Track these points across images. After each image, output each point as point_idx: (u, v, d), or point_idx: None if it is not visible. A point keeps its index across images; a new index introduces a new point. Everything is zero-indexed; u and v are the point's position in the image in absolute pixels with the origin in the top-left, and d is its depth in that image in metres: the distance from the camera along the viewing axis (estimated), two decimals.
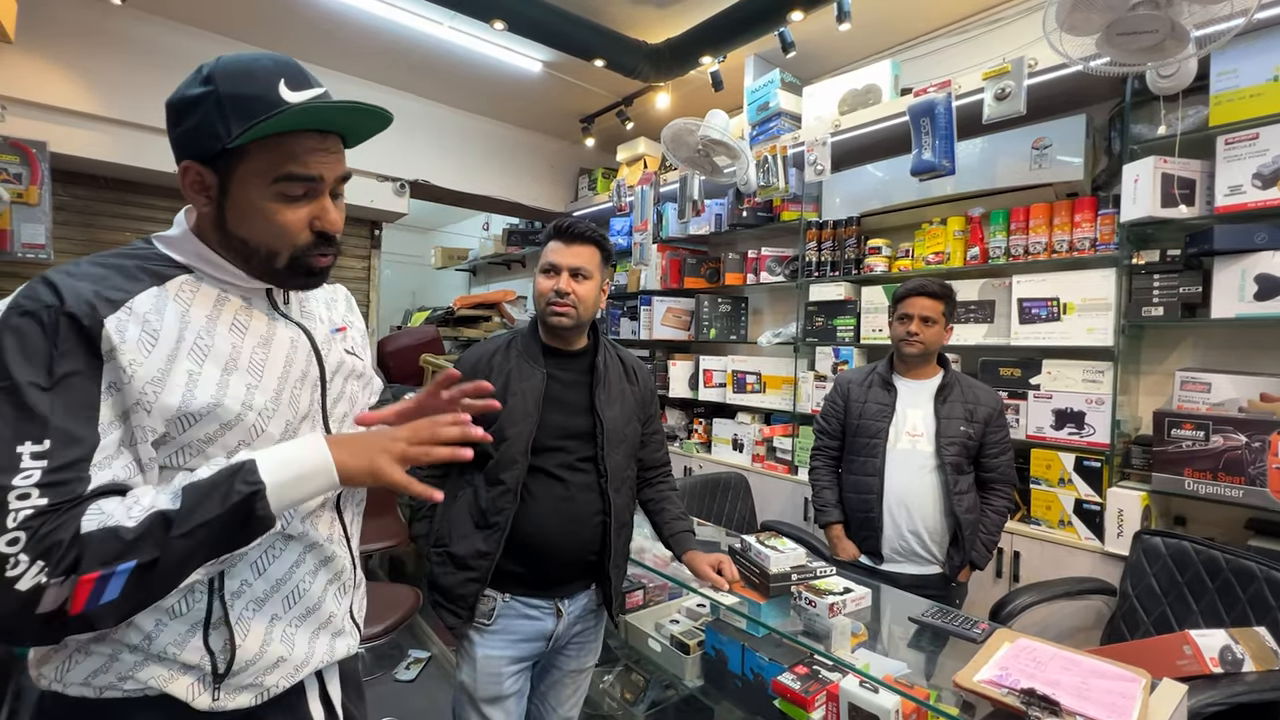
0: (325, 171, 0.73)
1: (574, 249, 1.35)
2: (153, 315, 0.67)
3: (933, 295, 1.84)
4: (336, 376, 0.85)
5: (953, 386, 1.87)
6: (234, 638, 0.71)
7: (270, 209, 0.71)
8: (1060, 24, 1.57)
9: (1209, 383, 1.87)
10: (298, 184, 0.72)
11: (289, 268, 0.75)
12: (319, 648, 0.80)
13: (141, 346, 0.65)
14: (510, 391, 1.32)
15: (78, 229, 3.05)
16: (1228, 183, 1.79)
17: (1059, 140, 2.22)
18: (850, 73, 2.72)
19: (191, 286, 0.72)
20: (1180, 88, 1.82)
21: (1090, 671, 1.06)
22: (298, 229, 0.73)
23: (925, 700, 1.10)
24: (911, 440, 1.87)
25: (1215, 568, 1.65)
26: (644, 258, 3.61)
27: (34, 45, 2.61)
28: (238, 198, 0.71)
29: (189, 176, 0.73)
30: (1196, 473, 1.78)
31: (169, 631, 0.69)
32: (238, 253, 0.74)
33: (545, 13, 2.65)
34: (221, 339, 0.71)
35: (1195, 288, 1.88)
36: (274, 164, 0.70)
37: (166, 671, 0.69)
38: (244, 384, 0.71)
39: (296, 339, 0.80)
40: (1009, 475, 1.89)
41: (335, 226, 0.76)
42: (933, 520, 1.83)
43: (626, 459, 1.43)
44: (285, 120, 0.69)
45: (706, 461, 3.27)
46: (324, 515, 0.81)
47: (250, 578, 0.73)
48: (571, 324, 1.34)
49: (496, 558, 1.28)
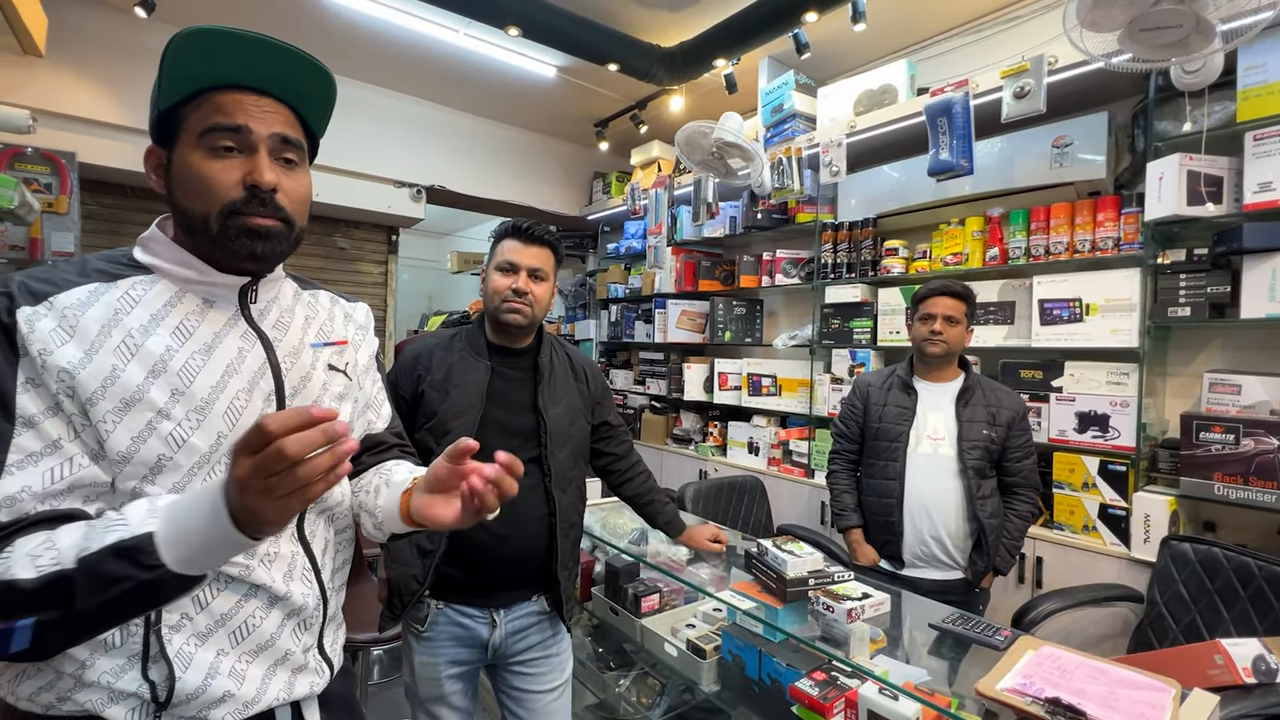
0: (253, 123, 0.71)
1: (532, 250, 1.36)
2: (75, 310, 0.65)
3: (955, 295, 1.82)
4: (301, 394, 0.79)
5: (974, 389, 1.84)
6: (173, 671, 0.67)
7: (198, 164, 0.69)
8: (1081, 20, 1.55)
9: (1239, 385, 1.83)
10: (223, 134, 0.69)
11: (223, 233, 0.70)
12: (274, 685, 0.74)
13: (54, 337, 0.63)
14: (452, 384, 1.32)
15: (105, 237, 3.13)
16: (1257, 179, 1.74)
17: (1080, 138, 2.19)
18: (865, 73, 2.70)
19: (144, 286, 0.71)
20: (1206, 83, 1.78)
21: (1118, 681, 1.04)
22: (226, 183, 0.69)
23: (946, 708, 1.08)
24: (933, 444, 1.84)
25: (1247, 575, 1.61)
26: (658, 261, 3.61)
27: (63, 59, 2.69)
28: (176, 164, 0.71)
29: (149, 161, 0.74)
30: (1226, 477, 1.74)
31: (105, 661, 0.66)
32: (187, 230, 0.72)
33: (559, 18, 2.67)
34: (157, 341, 0.68)
35: (1223, 287, 1.83)
36: (202, 120, 0.70)
37: (104, 697, 0.66)
38: (168, 388, 0.67)
39: (248, 348, 0.75)
40: (1032, 479, 1.85)
41: (267, 182, 0.70)
42: (955, 525, 1.80)
43: (572, 458, 1.42)
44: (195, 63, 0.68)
45: (722, 465, 3.26)
46: (280, 547, 0.76)
47: (192, 611, 0.69)
48: (526, 322, 1.35)
49: (438, 555, 1.27)
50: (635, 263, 4.14)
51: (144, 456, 0.66)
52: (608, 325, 4.31)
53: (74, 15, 2.69)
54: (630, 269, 4.18)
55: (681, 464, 3.48)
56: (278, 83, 0.73)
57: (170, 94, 0.70)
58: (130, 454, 0.65)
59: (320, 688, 0.81)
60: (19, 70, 2.58)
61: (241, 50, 0.69)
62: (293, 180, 0.74)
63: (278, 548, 0.76)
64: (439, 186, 3.77)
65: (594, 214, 4.31)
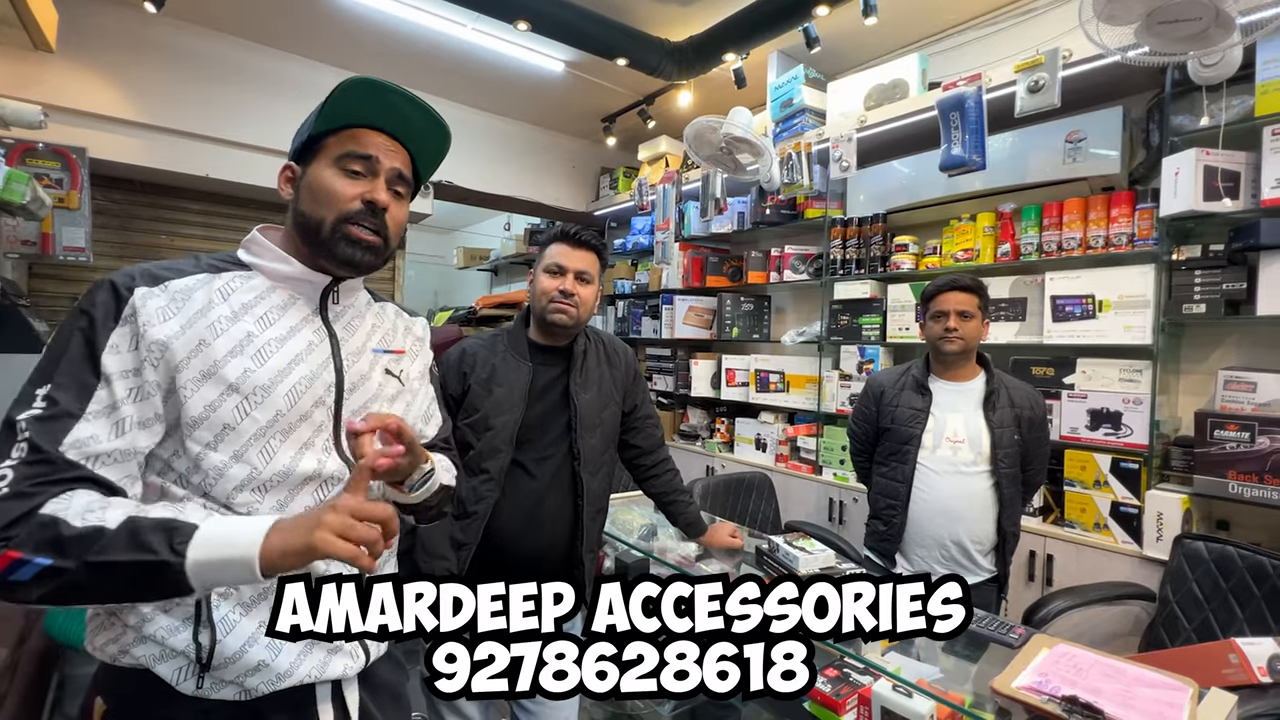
0: (381, 155, 0.85)
1: (579, 253, 1.41)
2: (183, 294, 0.77)
3: (966, 289, 1.74)
4: (359, 391, 0.87)
5: (999, 391, 1.76)
6: (215, 634, 0.73)
7: (329, 179, 0.83)
8: (1097, 13, 1.53)
9: (1254, 382, 1.81)
10: (355, 160, 0.84)
11: (332, 234, 0.82)
12: (308, 662, 0.79)
13: (162, 314, 0.75)
14: (496, 382, 1.38)
15: (115, 232, 3.14)
16: (1275, 174, 1.72)
17: (1094, 133, 2.16)
18: (876, 67, 2.68)
19: (242, 279, 0.82)
20: (1224, 77, 1.76)
21: (1134, 679, 1.03)
22: (348, 196, 0.83)
23: (961, 705, 1.08)
24: (953, 447, 1.75)
25: (1262, 574, 1.59)
26: (666, 256, 3.60)
27: (74, 54, 2.69)
28: (309, 179, 0.84)
29: (284, 173, 0.87)
30: (1241, 475, 1.72)
31: (164, 619, 0.73)
32: (301, 230, 0.84)
33: (568, 12, 2.66)
34: (243, 326, 0.78)
35: (1240, 284, 1.81)
36: (340, 146, 0.84)
37: (157, 653, 0.73)
38: (242, 367, 0.77)
39: (317, 342, 0.84)
40: (1041, 480, 1.85)
41: (383, 202, 0.84)
42: (978, 530, 1.73)
43: (604, 443, 1.46)
44: (347, 105, 0.82)
45: (729, 461, 3.26)
46: None
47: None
48: (572, 323, 1.40)
49: (474, 548, 1.30)
50: (643, 258, 4.14)
51: (213, 423, 0.75)
52: (615, 321, 4.31)
53: (84, 10, 2.70)
54: (637, 265, 4.17)
55: (689, 460, 3.47)
56: (406, 131, 0.88)
57: (326, 123, 0.84)
58: (201, 419, 0.74)
59: (355, 670, 0.84)
60: (30, 66, 2.59)
61: (391, 102, 0.85)
62: (397, 207, 0.88)
63: None
64: (446, 182, 3.77)
65: (601, 210, 4.29)
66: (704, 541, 1.68)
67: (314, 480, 0.81)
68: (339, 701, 0.83)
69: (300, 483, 0.80)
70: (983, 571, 1.76)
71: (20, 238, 2.38)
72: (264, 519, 0.69)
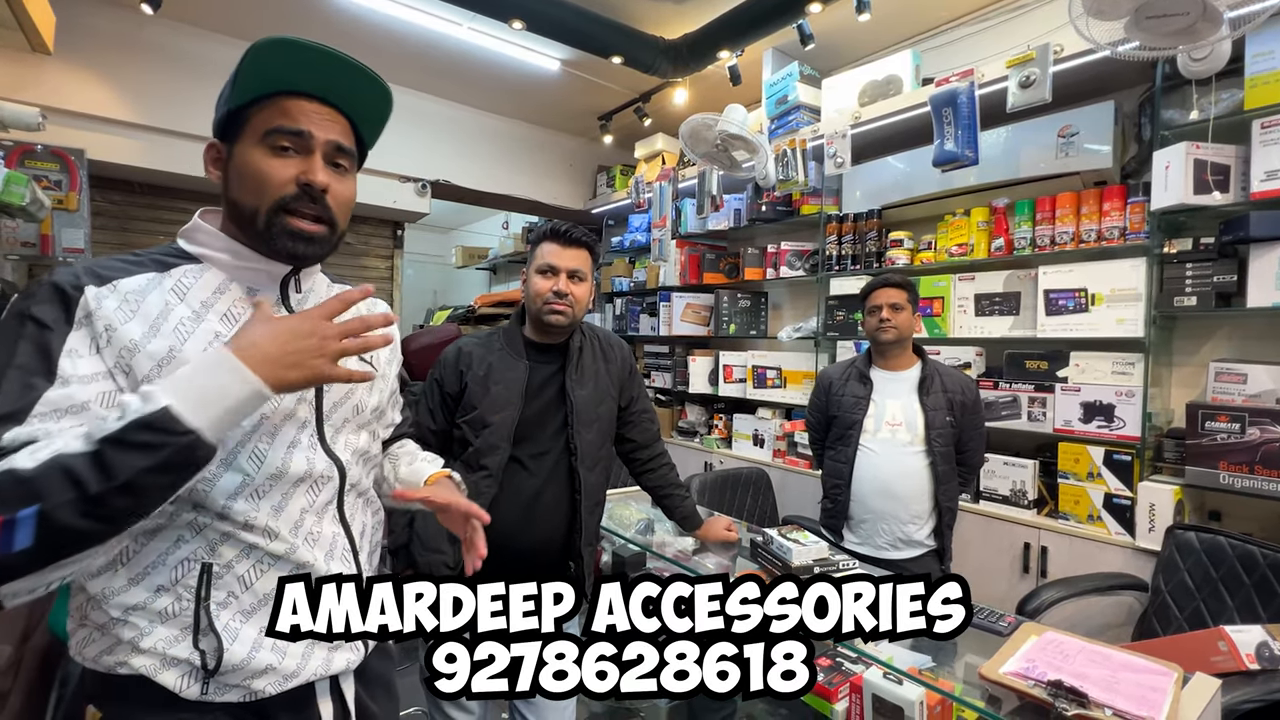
0: (314, 129, 0.76)
1: (570, 252, 1.40)
2: (136, 295, 0.71)
3: (897, 285, 1.93)
4: (337, 384, 0.82)
5: (933, 378, 1.92)
6: (221, 643, 0.72)
7: (258, 160, 0.74)
8: (1087, 9, 1.54)
9: (1245, 374, 1.82)
10: (284, 136, 0.74)
11: (268, 226, 0.75)
12: (313, 660, 0.78)
13: (119, 314, 0.69)
14: (493, 380, 1.39)
15: (114, 233, 3.15)
16: (1264, 167, 1.74)
17: (1086, 128, 2.17)
18: (870, 64, 2.69)
19: (194, 275, 0.76)
20: (1213, 71, 1.77)
21: (1120, 665, 1.05)
22: (281, 180, 0.74)
23: (950, 692, 1.10)
24: (891, 430, 1.92)
25: (1252, 563, 1.61)
26: (663, 254, 3.61)
27: (72, 56, 2.70)
28: (236, 159, 0.76)
29: (209, 154, 0.79)
30: (1232, 466, 1.74)
31: (162, 629, 0.71)
32: (236, 221, 0.77)
33: (563, 11, 2.67)
34: (209, 326, 0.73)
35: (1230, 276, 1.83)
36: (266, 121, 0.75)
37: (157, 663, 0.71)
38: None
39: None
40: (979, 462, 2.00)
41: (319, 182, 0.75)
42: (915, 505, 1.88)
43: (601, 438, 1.47)
44: (264, 70, 0.73)
45: (727, 457, 3.27)
46: (322, 527, 0.80)
47: (238, 590, 0.74)
48: (568, 323, 1.41)
49: None
50: (639, 256, 4.15)
51: None
52: (612, 319, 4.32)
53: (82, 12, 2.71)
54: (635, 262, 4.19)
55: (686, 456, 3.49)
56: (339, 93, 0.78)
57: (242, 94, 0.74)
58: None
59: (355, 664, 0.85)
60: (28, 68, 2.60)
61: (312, 60, 0.75)
62: (341, 185, 0.79)
63: (320, 528, 0.80)
64: (444, 181, 3.78)
65: (598, 208, 4.31)
66: (700, 536, 1.70)
67: (306, 480, 0.79)
68: (337, 695, 0.83)
69: (293, 483, 0.77)
70: (921, 546, 1.90)
71: (20, 239, 2.39)
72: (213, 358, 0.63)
